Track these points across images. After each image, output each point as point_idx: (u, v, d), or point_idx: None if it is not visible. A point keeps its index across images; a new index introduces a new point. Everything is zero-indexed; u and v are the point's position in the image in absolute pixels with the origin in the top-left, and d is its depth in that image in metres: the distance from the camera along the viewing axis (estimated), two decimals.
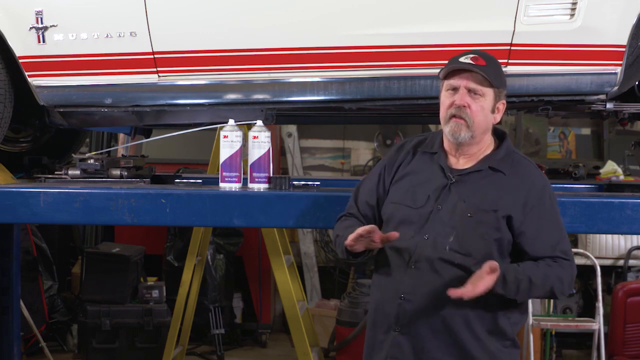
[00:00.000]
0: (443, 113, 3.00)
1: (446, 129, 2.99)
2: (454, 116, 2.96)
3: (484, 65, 2.96)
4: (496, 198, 2.93)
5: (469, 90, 2.95)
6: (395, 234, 2.91)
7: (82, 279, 7.20)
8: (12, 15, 3.86)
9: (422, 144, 3.13)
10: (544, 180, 3.03)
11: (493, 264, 2.79)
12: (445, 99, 3.00)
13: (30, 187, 3.76)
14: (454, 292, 2.79)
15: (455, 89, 2.97)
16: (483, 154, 3.03)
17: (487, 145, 3.05)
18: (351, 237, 2.91)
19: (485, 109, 2.97)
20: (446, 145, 3.07)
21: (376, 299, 3.07)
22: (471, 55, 2.99)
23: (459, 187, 2.97)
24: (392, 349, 2.96)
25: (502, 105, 3.03)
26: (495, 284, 2.80)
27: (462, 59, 2.98)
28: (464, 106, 2.95)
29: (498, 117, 3.02)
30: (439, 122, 3.11)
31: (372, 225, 2.91)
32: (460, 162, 3.03)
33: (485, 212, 2.89)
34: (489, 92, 2.97)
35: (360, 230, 2.90)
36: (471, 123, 2.95)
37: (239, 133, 3.73)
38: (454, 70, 2.98)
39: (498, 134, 3.10)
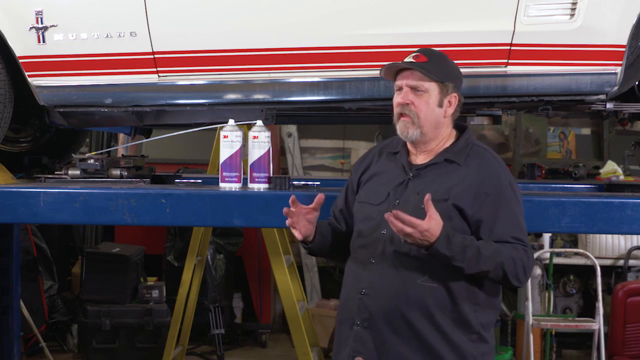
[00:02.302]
0: (394, 113, 3.08)
1: (397, 128, 3.06)
2: (400, 115, 3.03)
3: (425, 61, 3.01)
4: (448, 187, 2.96)
5: (412, 88, 3.01)
6: (321, 196, 3.04)
7: (82, 279, 7.20)
8: (12, 15, 3.86)
9: (387, 146, 3.19)
10: (504, 170, 3.04)
11: (428, 196, 2.83)
12: (394, 100, 3.07)
13: (30, 187, 3.76)
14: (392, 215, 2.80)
15: (401, 89, 3.04)
16: (442, 148, 3.07)
17: (445, 139, 3.08)
18: (288, 222, 3.06)
19: (429, 104, 3.01)
20: (407, 143, 3.12)
21: (342, 296, 3.12)
22: (414, 54, 3.05)
23: (415, 181, 3.02)
24: (355, 344, 3.00)
25: (453, 99, 3.05)
26: (437, 240, 2.81)
27: (406, 59, 3.05)
28: (407, 104, 3.01)
29: (450, 110, 3.04)
30: None
31: (291, 198, 3.03)
32: (420, 158, 3.08)
33: (437, 202, 2.90)
34: (432, 87, 3.00)
35: (285, 210, 3.03)
36: (417, 119, 3.01)
37: (239, 133, 3.73)
38: (398, 70, 3.06)
39: (460, 128, 3.13)
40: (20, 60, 3.89)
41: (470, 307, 2.95)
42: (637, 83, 3.90)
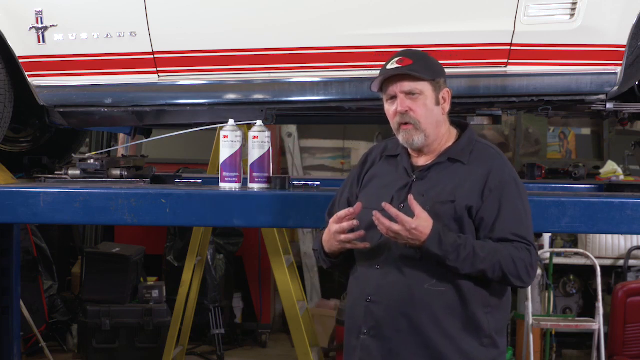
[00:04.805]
0: (392, 124, 2.99)
1: (400, 138, 2.98)
2: (401, 124, 2.95)
3: (411, 63, 2.93)
4: (454, 188, 2.89)
5: (407, 94, 2.93)
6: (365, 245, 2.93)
7: (82, 279, 7.20)
8: (12, 15, 3.86)
9: (387, 149, 3.11)
10: (508, 167, 2.99)
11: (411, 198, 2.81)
12: (389, 109, 2.98)
13: (30, 187, 3.76)
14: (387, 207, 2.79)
15: (394, 97, 2.96)
16: (444, 147, 3.00)
17: (446, 138, 3.01)
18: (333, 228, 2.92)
19: (427, 105, 2.93)
20: None
21: (348, 304, 3.04)
22: (396, 59, 2.96)
23: (419, 183, 2.95)
24: (362, 353, 2.92)
25: (446, 94, 2.99)
26: (428, 239, 2.76)
27: (389, 67, 2.95)
28: (407, 111, 2.93)
29: (446, 106, 2.98)
30: None
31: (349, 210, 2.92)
32: (422, 160, 3.01)
33: (443, 203, 2.86)
34: (426, 88, 2.93)
35: (342, 214, 2.91)
36: (419, 124, 2.93)
37: (239, 133, 3.73)
38: (383, 80, 2.97)
39: (462, 125, 3.07)
40: (20, 60, 3.89)
41: (482, 309, 2.87)
42: (637, 83, 3.90)
